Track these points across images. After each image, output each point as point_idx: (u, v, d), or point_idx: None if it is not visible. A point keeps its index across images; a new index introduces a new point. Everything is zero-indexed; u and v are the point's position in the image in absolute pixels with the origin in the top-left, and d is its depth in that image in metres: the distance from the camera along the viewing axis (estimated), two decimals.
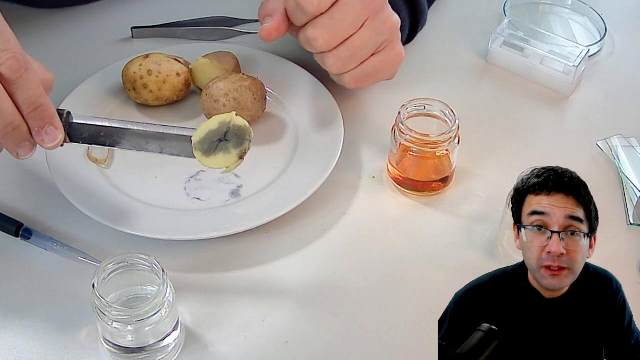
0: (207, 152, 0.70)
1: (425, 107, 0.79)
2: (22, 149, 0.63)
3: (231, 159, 0.71)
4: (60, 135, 0.64)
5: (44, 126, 0.62)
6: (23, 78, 0.60)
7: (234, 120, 0.70)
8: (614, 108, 0.91)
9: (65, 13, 1.01)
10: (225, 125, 0.69)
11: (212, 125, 0.69)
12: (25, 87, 0.60)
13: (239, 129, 0.70)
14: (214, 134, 0.69)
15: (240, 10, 1.00)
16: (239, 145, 0.70)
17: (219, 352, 0.67)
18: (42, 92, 0.61)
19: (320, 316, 0.70)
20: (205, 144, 0.70)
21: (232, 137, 0.69)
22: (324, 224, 0.77)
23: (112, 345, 0.64)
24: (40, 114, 0.62)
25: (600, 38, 0.98)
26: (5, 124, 0.60)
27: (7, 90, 0.60)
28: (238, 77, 0.82)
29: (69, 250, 0.72)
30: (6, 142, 0.62)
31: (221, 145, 0.70)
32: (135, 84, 0.84)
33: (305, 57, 0.93)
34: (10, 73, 0.59)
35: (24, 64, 0.60)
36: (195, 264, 0.74)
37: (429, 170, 0.79)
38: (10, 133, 0.61)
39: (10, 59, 0.59)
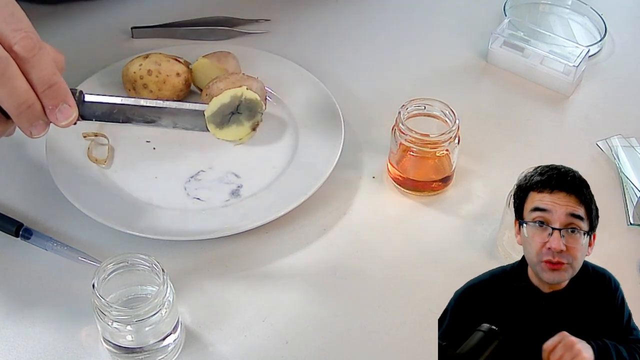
0: (220, 125, 0.72)
1: (425, 107, 0.79)
2: (36, 127, 0.63)
3: (244, 130, 0.74)
4: (74, 112, 0.64)
5: (58, 104, 0.62)
6: (37, 57, 0.60)
7: (245, 93, 0.72)
8: (614, 108, 0.91)
9: (65, 13, 1.01)
10: (237, 98, 0.72)
11: (224, 99, 0.72)
12: (39, 65, 0.60)
13: (251, 102, 0.72)
14: (226, 107, 0.72)
15: (240, 10, 1.00)
16: (251, 118, 0.72)
17: (219, 352, 0.67)
18: (55, 70, 0.62)
19: (320, 316, 0.70)
20: (217, 117, 0.71)
21: (244, 109, 0.71)
22: (324, 224, 0.77)
23: (112, 345, 0.64)
24: (54, 92, 0.62)
25: (600, 38, 0.98)
26: (20, 102, 0.60)
27: (21, 69, 0.60)
28: (238, 77, 0.82)
29: (69, 250, 0.72)
30: (20, 121, 0.62)
31: (233, 118, 0.71)
32: (135, 84, 0.84)
33: (305, 57, 0.93)
34: (24, 52, 0.59)
35: (37, 43, 0.60)
36: (195, 264, 0.74)
37: (429, 170, 0.79)
38: (24, 111, 0.61)
39: (24, 38, 0.59)
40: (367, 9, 1.03)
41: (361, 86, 0.92)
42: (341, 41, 0.99)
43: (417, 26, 1.02)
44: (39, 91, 0.61)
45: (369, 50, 0.98)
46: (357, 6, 1.04)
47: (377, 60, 0.97)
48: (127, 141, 0.83)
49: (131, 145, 0.83)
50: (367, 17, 1.03)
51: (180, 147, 0.83)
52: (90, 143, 0.82)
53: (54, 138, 0.80)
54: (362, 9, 1.04)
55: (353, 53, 0.97)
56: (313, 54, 0.95)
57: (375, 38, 1.00)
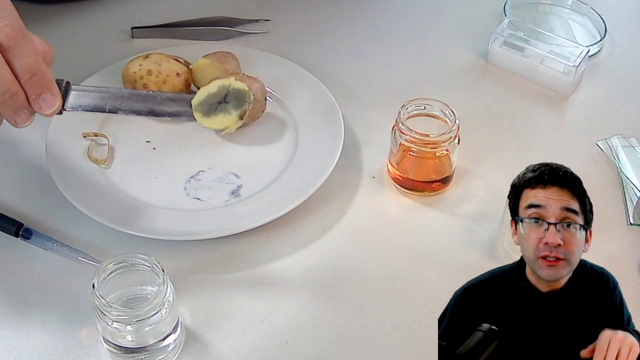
0: (206, 114, 0.74)
1: (425, 107, 0.79)
2: (20, 116, 0.63)
3: (231, 119, 0.75)
4: (58, 101, 0.63)
5: (41, 93, 0.62)
6: (19, 46, 0.60)
7: (233, 84, 0.73)
8: (614, 108, 0.91)
9: (65, 13, 1.01)
10: (224, 88, 0.73)
11: (211, 89, 0.73)
12: (22, 54, 0.60)
13: (239, 92, 0.73)
14: (214, 96, 0.73)
15: (240, 10, 1.00)
16: (239, 107, 0.73)
17: (219, 352, 0.67)
18: (39, 59, 0.61)
19: (320, 316, 0.70)
20: (204, 105, 0.73)
21: (232, 99, 0.72)
22: (324, 224, 0.77)
23: (112, 345, 0.64)
24: (37, 81, 0.61)
25: (600, 38, 0.98)
26: (3, 91, 0.60)
27: (4, 57, 0.60)
28: (238, 77, 0.82)
29: (69, 250, 0.72)
30: (4, 110, 0.62)
31: (221, 107, 0.72)
32: (135, 84, 0.84)
33: (306, 57, 0.93)
34: (6, 40, 0.59)
35: (19, 32, 0.60)
36: (195, 264, 0.74)
37: (429, 170, 0.79)
38: (7, 100, 0.61)
39: (6, 27, 0.59)
40: (367, 9, 1.03)
41: (361, 86, 0.92)
42: (341, 41, 0.99)
43: (417, 26, 1.02)
44: (22, 80, 0.61)
45: (369, 50, 0.98)
46: (357, 6, 1.04)
47: (377, 60, 0.97)
48: (127, 141, 0.83)
49: (131, 145, 0.83)
50: (367, 17, 1.03)
51: (180, 147, 0.83)
52: (90, 143, 0.82)
53: (54, 138, 0.80)
54: (362, 9, 1.04)
55: (353, 53, 0.97)
56: (313, 54, 0.95)
57: (376, 38, 1.00)
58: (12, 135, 0.66)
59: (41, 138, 0.80)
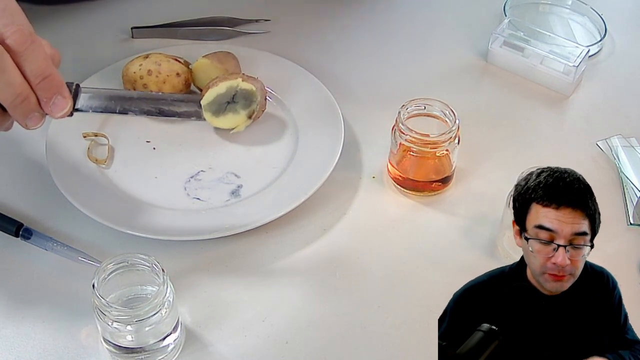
0: (216, 114, 0.77)
1: (425, 107, 0.79)
2: (31, 119, 0.63)
3: (240, 119, 0.78)
4: (69, 104, 0.64)
5: (52, 96, 0.63)
6: (29, 50, 0.60)
7: (240, 84, 0.76)
8: (614, 108, 0.91)
9: (65, 13, 1.01)
10: (232, 89, 0.76)
11: (219, 90, 0.76)
12: (32, 58, 0.61)
13: (247, 92, 0.75)
14: (222, 97, 0.76)
15: (240, 10, 1.00)
16: (247, 107, 0.76)
17: (219, 352, 0.67)
18: (49, 63, 0.62)
19: (320, 316, 0.70)
20: (213, 105, 0.76)
21: (240, 99, 0.75)
22: (324, 224, 0.77)
23: (112, 345, 0.64)
24: (48, 84, 0.62)
25: (600, 38, 0.98)
26: (15, 95, 0.61)
27: (15, 62, 0.60)
28: (238, 77, 0.82)
29: (69, 250, 0.72)
30: (15, 114, 0.63)
31: (229, 107, 0.75)
32: (135, 84, 0.84)
33: (305, 57, 0.93)
34: (16, 45, 0.60)
35: (29, 37, 0.60)
36: (195, 264, 0.74)
37: (429, 170, 0.79)
38: (19, 104, 0.62)
39: (16, 32, 0.60)
40: (367, 9, 1.03)
41: (361, 86, 0.92)
42: (341, 41, 0.99)
43: (417, 26, 1.02)
44: (34, 83, 0.62)
45: (369, 50, 0.98)
46: (357, 7, 1.04)
47: (377, 60, 0.97)
48: (127, 141, 0.83)
49: (131, 145, 0.83)
50: (367, 17, 1.03)
51: (180, 147, 0.83)
52: (90, 143, 0.82)
53: (54, 138, 0.80)
54: (363, 9, 1.04)
55: (353, 53, 0.97)
56: (313, 54, 0.95)
57: (375, 38, 1.00)
58: (12, 135, 0.66)
59: (41, 138, 0.80)
